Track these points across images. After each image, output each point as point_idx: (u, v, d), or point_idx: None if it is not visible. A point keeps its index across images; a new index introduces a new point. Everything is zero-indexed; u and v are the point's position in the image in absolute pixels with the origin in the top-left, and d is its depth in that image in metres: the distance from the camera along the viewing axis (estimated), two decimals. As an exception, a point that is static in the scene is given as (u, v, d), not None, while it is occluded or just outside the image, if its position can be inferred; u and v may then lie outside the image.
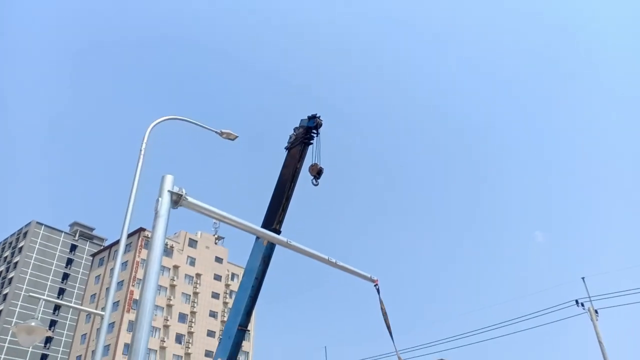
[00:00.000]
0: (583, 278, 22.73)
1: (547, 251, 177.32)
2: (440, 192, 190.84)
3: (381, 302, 10.58)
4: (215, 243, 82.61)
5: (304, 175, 11.89)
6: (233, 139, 10.94)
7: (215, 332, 70.89)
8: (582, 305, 22.17)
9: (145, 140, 8.92)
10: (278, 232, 10.29)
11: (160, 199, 6.31)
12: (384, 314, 10.38)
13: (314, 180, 11.34)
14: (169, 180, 6.48)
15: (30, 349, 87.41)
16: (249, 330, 10.70)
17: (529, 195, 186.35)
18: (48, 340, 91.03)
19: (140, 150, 8.90)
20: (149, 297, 6.06)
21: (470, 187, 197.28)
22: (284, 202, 10.93)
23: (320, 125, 12.06)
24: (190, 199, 6.66)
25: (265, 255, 10.51)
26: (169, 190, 6.45)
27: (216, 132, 10.83)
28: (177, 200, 6.48)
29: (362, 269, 9.86)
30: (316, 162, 11.51)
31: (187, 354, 69.31)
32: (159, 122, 9.70)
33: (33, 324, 6.86)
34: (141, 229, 68.67)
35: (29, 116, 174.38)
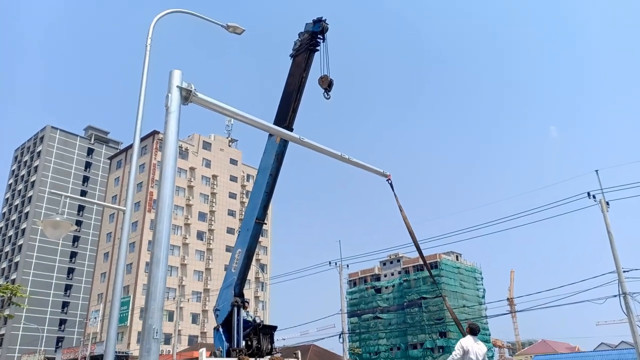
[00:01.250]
0: (596, 171, 22.86)
1: (562, 146, 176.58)
2: (456, 92, 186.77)
3: (395, 195, 10.80)
4: (229, 145, 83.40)
5: (314, 84, 11.35)
6: (240, 33, 10.51)
7: (234, 229, 73.82)
8: (594, 197, 22.52)
9: (149, 35, 8.62)
10: (290, 130, 10.26)
11: (169, 94, 6.21)
12: (400, 208, 10.64)
13: (325, 94, 10.92)
14: (177, 75, 6.33)
15: (59, 247, 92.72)
16: (265, 223, 11.07)
17: (543, 90, 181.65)
18: (75, 239, 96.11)
19: (146, 46, 8.64)
20: (167, 193, 6.21)
21: (485, 84, 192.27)
22: (291, 112, 10.72)
23: (327, 29, 11.22)
24: (200, 95, 6.55)
25: (278, 152, 10.57)
26: (177, 86, 6.33)
27: (222, 25, 10.39)
28: (186, 96, 6.39)
29: (378, 166, 9.92)
30: (326, 73, 10.89)
31: (209, 250, 73.06)
32: (163, 15, 9.31)
33: (58, 218, 7.15)
34: (155, 132, 69.20)
35: (34, 20, 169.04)
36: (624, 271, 21.48)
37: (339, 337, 37.18)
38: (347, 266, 39.66)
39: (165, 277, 6.78)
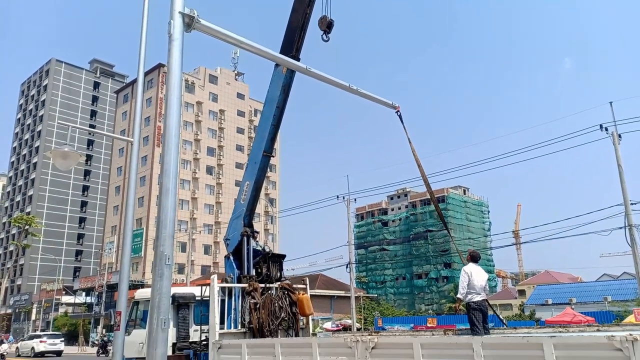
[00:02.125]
0: (610, 103, 22.41)
1: (576, 78, 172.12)
2: (467, 24, 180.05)
3: (404, 127, 10.68)
4: (236, 79, 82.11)
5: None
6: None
7: (242, 164, 74.27)
8: (606, 129, 22.22)
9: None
10: (296, 59, 9.98)
11: (171, 21, 6.01)
12: (409, 140, 10.54)
13: (324, 36, 10.41)
14: (178, 1, 6.09)
15: (71, 181, 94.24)
16: (273, 156, 11.06)
17: (557, 21, 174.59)
18: (87, 173, 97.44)
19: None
20: (173, 122, 6.15)
21: (501, 16, 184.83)
22: (297, 46, 10.32)
23: None
24: (203, 21, 6.33)
25: (284, 84, 10.35)
26: (179, 12, 6.12)
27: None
28: (189, 22, 6.18)
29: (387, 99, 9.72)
30: (325, 14, 10.30)
31: (219, 184, 74.01)
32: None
33: (66, 149, 7.19)
34: (160, 65, 68.11)
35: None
36: (632, 204, 21.57)
37: (346, 267, 38.36)
38: (355, 200, 40.23)
39: (175, 206, 6.88)
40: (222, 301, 9.28)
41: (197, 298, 9.97)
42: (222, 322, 9.10)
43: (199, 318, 9.70)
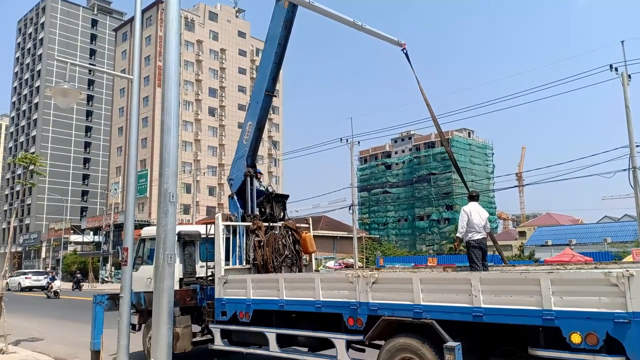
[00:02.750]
0: (622, 42, 21.71)
1: (588, 15, 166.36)
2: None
3: (411, 65, 10.43)
4: (236, 16, 79.69)
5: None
6: None
7: (245, 105, 73.50)
8: (616, 70, 21.68)
9: None
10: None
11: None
12: (416, 77, 10.32)
13: None
14: None
15: (74, 122, 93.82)
16: (276, 96, 10.88)
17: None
18: (89, 113, 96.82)
19: None
20: (172, 59, 5.99)
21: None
22: None
23: None
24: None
25: (286, 19, 10.01)
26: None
27: None
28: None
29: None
30: None
31: (222, 126, 73.63)
32: None
33: (66, 86, 7.08)
34: (159, 1, 65.94)
35: None
36: (637, 145, 21.41)
37: (349, 209, 38.82)
38: (359, 143, 40.22)
39: (177, 145, 6.84)
40: (227, 239, 9.45)
41: (202, 236, 10.15)
42: (227, 259, 9.31)
43: (205, 255, 9.92)
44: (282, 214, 10.57)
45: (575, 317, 4.86)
